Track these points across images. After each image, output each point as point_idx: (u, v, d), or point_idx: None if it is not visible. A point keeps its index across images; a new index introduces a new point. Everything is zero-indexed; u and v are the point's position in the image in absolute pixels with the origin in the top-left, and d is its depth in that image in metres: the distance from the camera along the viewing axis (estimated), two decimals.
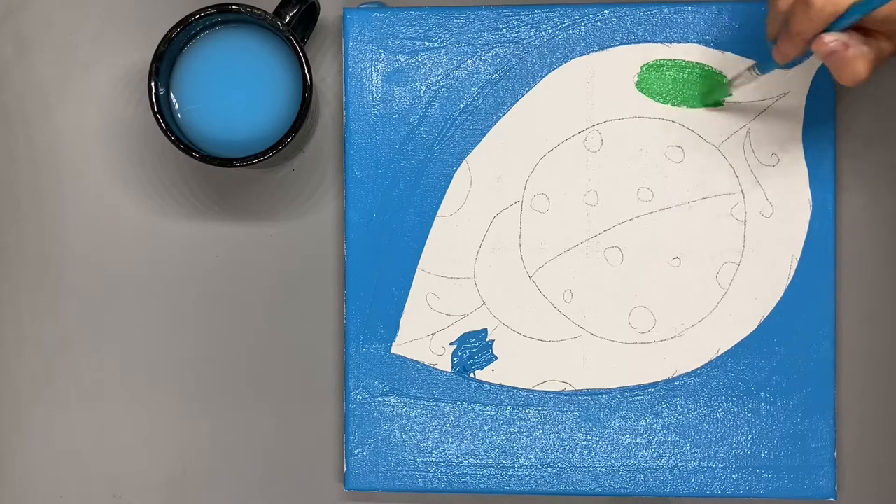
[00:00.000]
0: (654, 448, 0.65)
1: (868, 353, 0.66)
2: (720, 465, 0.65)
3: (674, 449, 0.65)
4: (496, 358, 0.65)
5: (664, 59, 0.65)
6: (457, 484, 0.65)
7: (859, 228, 0.66)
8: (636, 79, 0.65)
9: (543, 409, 0.65)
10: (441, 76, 0.66)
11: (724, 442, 0.65)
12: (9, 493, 0.68)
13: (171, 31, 0.61)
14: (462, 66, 0.66)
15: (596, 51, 0.65)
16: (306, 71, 0.60)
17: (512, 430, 0.65)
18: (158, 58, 0.61)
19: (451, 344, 0.65)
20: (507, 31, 0.65)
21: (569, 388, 0.65)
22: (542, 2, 0.66)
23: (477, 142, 0.66)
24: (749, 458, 0.65)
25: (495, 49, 0.65)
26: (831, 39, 0.52)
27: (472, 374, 0.65)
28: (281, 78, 0.62)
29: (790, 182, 0.65)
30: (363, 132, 0.66)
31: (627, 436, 0.65)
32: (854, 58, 0.52)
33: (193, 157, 0.61)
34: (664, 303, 0.65)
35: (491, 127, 0.66)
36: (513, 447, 0.65)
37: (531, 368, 0.65)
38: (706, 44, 0.65)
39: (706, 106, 0.65)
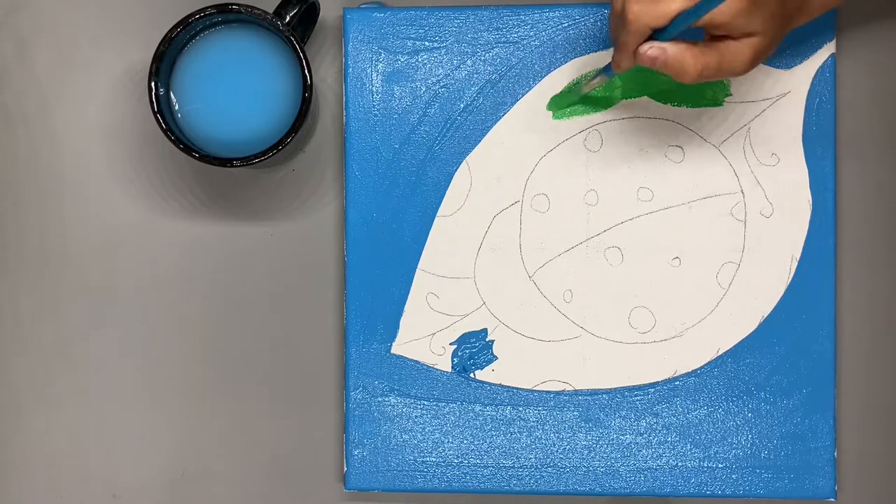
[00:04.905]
0: (654, 448, 0.65)
1: (868, 353, 0.66)
2: (720, 465, 0.65)
3: (674, 449, 0.65)
4: (496, 358, 0.65)
5: None
6: (457, 484, 0.65)
7: (859, 228, 0.66)
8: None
9: (543, 409, 0.65)
10: (441, 76, 0.66)
11: (724, 442, 0.65)
12: (9, 493, 0.68)
13: (171, 31, 0.61)
14: (462, 66, 0.65)
15: (596, 51, 0.65)
16: (306, 71, 0.60)
17: (512, 430, 0.65)
18: (158, 58, 0.61)
19: (451, 344, 0.65)
20: (507, 31, 0.65)
21: (569, 388, 0.65)
22: (542, 2, 0.66)
23: (477, 142, 0.65)
24: (749, 458, 0.65)
25: (495, 49, 0.65)
26: (647, 48, 0.53)
27: (472, 374, 0.65)
28: (281, 78, 0.62)
29: (790, 182, 0.65)
30: (363, 132, 0.66)
31: (627, 436, 0.65)
32: (676, 57, 0.53)
33: (193, 157, 0.61)
34: (664, 303, 0.65)
35: (491, 127, 0.65)
36: (513, 447, 0.65)
37: (531, 368, 0.65)
38: None
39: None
